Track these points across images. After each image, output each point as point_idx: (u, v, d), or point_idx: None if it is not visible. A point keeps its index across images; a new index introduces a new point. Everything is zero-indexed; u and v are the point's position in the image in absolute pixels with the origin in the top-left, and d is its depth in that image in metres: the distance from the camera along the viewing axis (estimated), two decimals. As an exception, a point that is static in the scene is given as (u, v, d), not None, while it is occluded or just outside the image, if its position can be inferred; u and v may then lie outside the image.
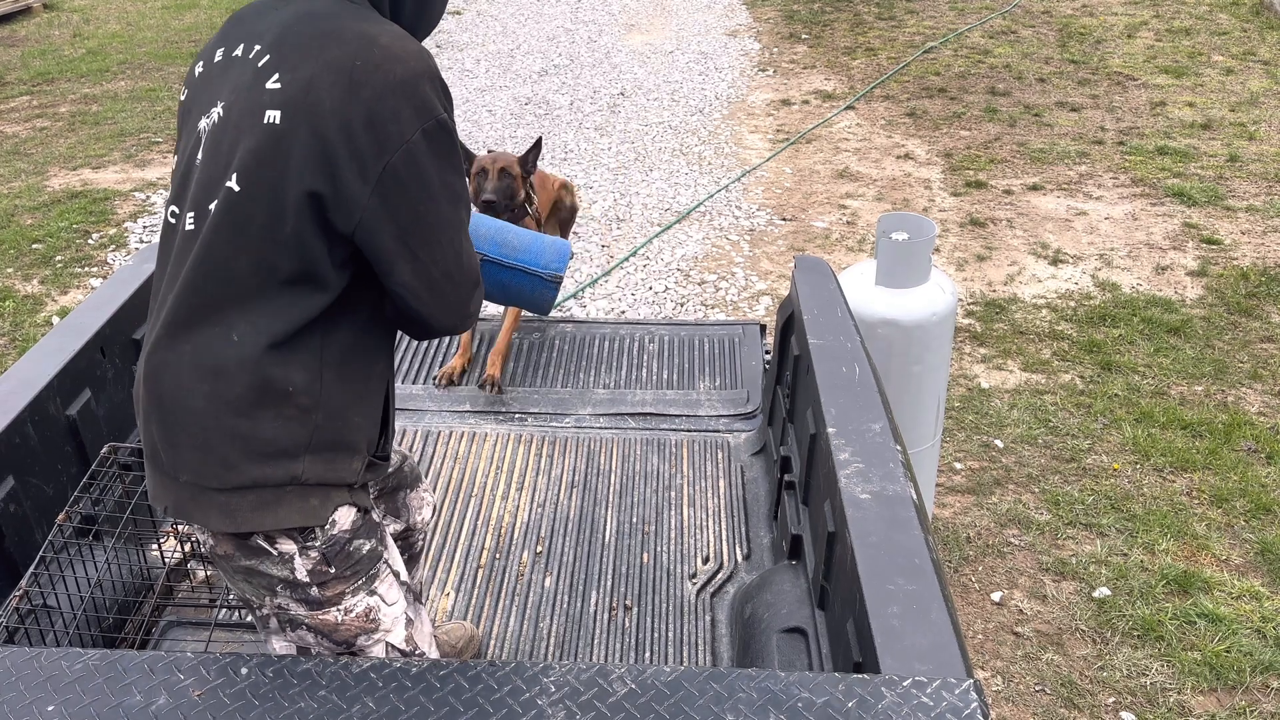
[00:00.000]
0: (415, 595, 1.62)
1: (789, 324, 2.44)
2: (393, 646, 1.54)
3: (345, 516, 1.44)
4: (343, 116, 1.27)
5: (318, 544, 1.43)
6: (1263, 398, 3.87)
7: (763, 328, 3.23)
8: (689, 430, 2.79)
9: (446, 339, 3.21)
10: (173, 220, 1.42)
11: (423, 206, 1.33)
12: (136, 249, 5.35)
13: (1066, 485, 3.43)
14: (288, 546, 1.42)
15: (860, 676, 1.33)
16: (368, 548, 1.49)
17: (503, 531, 2.44)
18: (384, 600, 1.52)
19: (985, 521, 3.27)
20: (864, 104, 7.19)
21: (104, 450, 2.06)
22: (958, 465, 3.53)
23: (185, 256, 1.36)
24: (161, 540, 2.16)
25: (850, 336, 2.16)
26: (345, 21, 1.33)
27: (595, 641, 2.15)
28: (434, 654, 1.63)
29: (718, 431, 2.78)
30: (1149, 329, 4.32)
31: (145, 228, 5.61)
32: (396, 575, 1.56)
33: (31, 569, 1.82)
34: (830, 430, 1.84)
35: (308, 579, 1.44)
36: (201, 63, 1.46)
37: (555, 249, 1.96)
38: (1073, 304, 4.55)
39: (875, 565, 1.51)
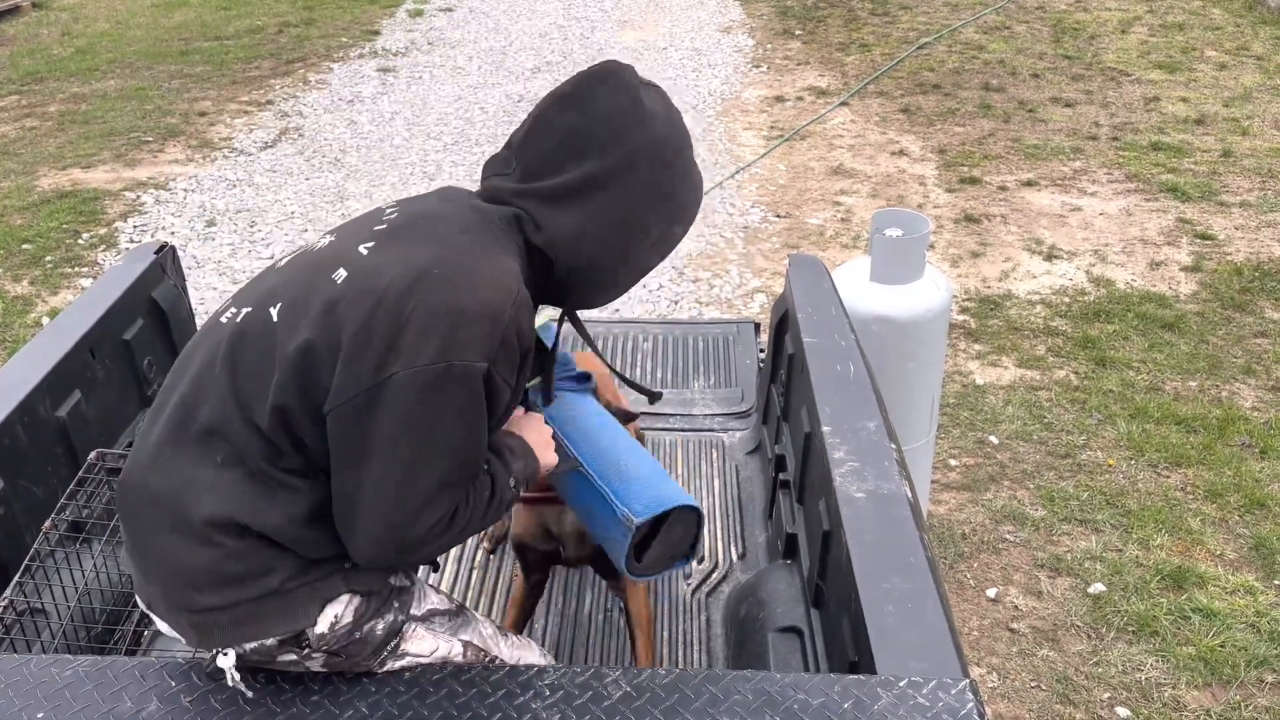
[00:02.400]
0: (455, 613, 1.51)
1: (783, 322, 2.44)
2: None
3: (341, 608, 1.33)
4: (385, 310, 1.23)
5: (316, 647, 1.33)
6: (1256, 393, 3.87)
7: (757, 326, 3.22)
8: (684, 429, 2.78)
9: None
10: (223, 312, 1.39)
11: (400, 433, 1.23)
12: (126, 249, 5.33)
13: (1061, 481, 3.43)
14: (287, 656, 1.33)
15: (856, 678, 1.32)
16: (383, 626, 1.38)
17: (497, 533, 2.42)
18: (417, 654, 1.42)
19: (980, 518, 3.27)
20: (858, 100, 7.18)
21: (91, 457, 2.04)
22: (953, 462, 3.53)
23: (197, 354, 1.36)
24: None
25: (844, 335, 2.15)
26: (461, 235, 1.29)
27: (590, 643, 2.14)
28: (503, 651, 1.53)
29: (712, 430, 2.77)
30: (1143, 325, 4.32)
31: (135, 227, 5.59)
32: (426, 621, 1.45)
33: (17, 577, 1.81)
34: (825, 429, 1.83)
35: (325, 669, 1.37)
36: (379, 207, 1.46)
37: (657, 491, 1.53)
38: (1067, 300, 4.55)
39: (870, 564, 1.50)
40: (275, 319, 1.29)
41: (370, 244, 1.31)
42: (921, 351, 2.78)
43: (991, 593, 2.99)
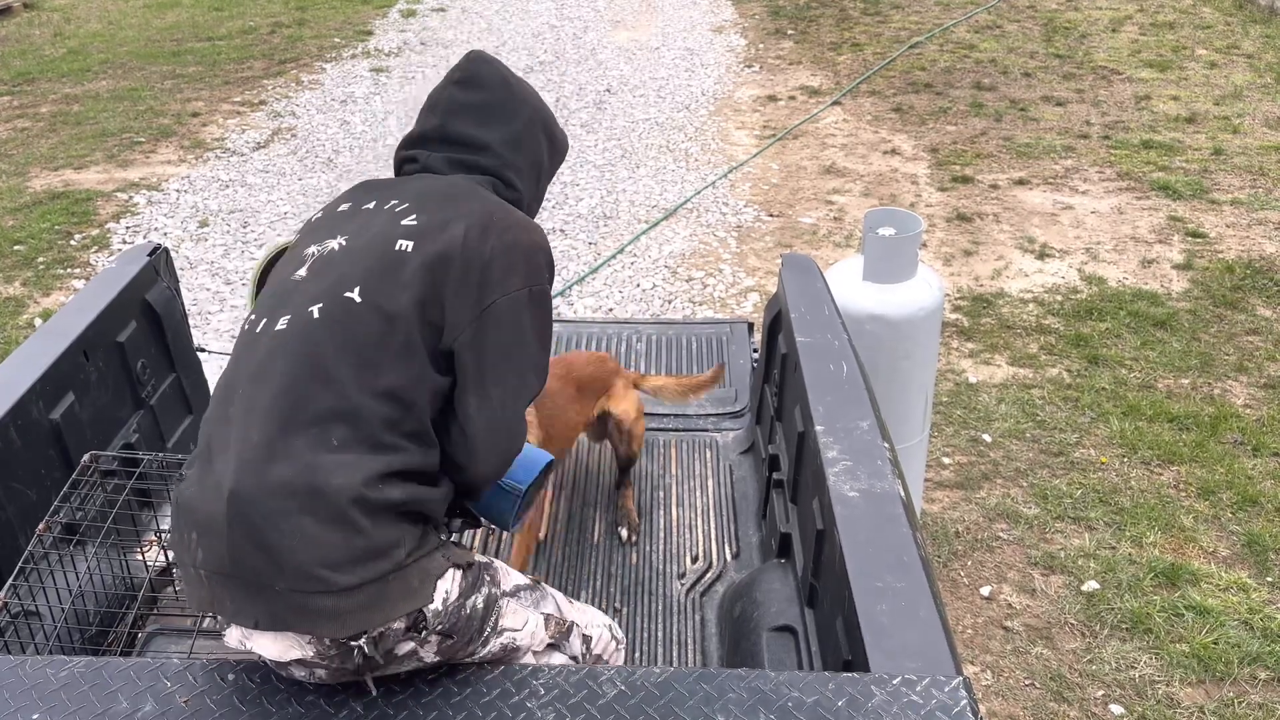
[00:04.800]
0: (533, 586, 1.62)
1: (776, 322, 2.44)
2: (539, 654, 1.57)
3: (449, 583, 1.41)
4: (471, 250, 1.45)
5: (432, 627, 1.38)
6: (1248, 390, 3.89)
7: (750, 326, 3.23)
8: (677, 429, 2.78)
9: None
10: (256, 328, 1.45)
11: (508, 349, 1.47)
12: (119, 250, 5.31)
13: (1054, 479, 3.44)
14: (406, 647, 1.37)
15: (850, 675, 1.32)
16: (482, 601, 1.47)
17: (492, 532, 2.43)
18: (513, 629, 1.52)
19: (974, 516, 3.28)
20: (850, 100, 7.19)
21: (84, 459, 2.04)
22: (946, 460, 3.54)
23: (276, 357, 1.39)
24: (144, 549, 2.14)
25: (837, 334, 2.15)
26: (480, 194, 1.55)
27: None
28: (578, 615, 1.66)
29: (706, 430, 2.77)
30: (1135, 322, 4.34)
31: (128, 228, 5.57)
32: (514, 595, 1.55)
33: (11, 580, 1.81)
34: (818, 428, 1.84)
35: (437, 657, 1.41)
36: (322, 213, 1.62)
37: (523, 459, 1.75)
38: (1059, 298, 4.57)
39: (864, 563, 1.50)
40: (359, 299, 1.41)
41: (412, 217, 1.49)
42: (914, 350, 2.79)
43: (985, 591, 3.00)
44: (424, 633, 1.37)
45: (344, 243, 1.49)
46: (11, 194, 6.03)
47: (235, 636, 1.38)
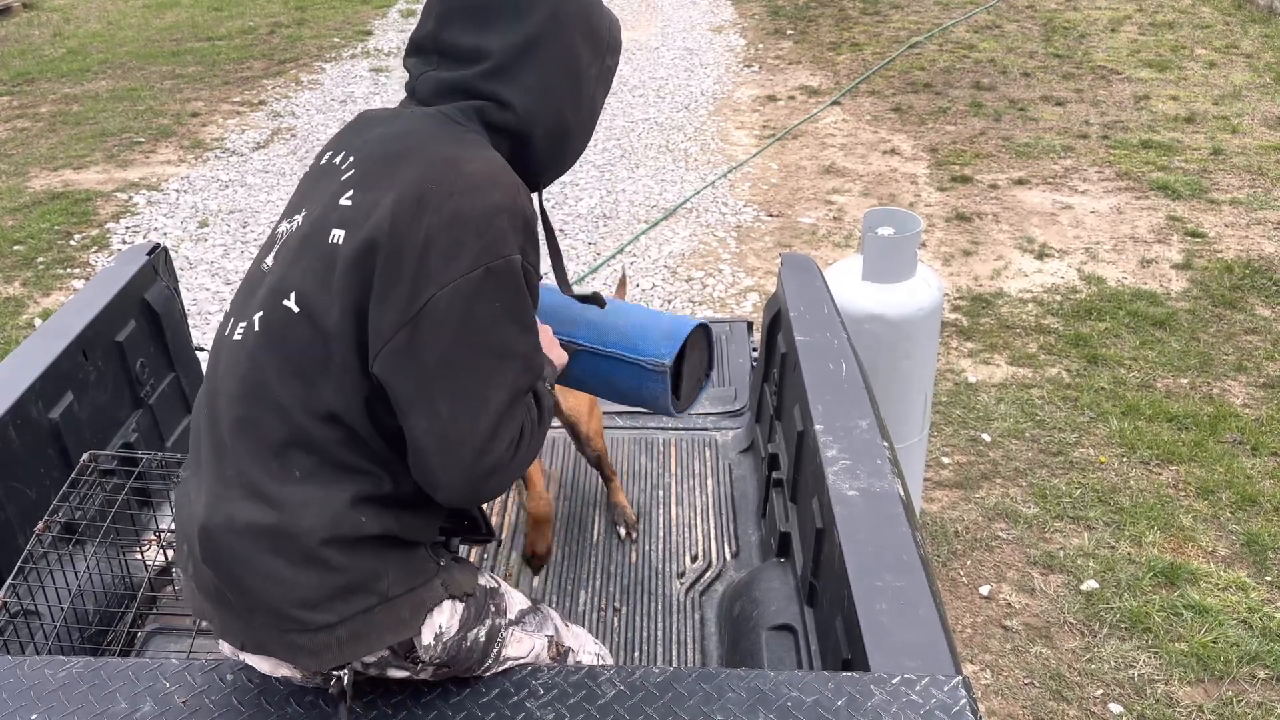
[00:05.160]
0: (534, 608, 1.52)
1: (776, 321, 2.44)
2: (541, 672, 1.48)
3: (445, 616, 1.32)
4: (398, 241, 1.18)
5: (425, 660, 1.31)
6: (1247, 390, 3.89)
7: (750, 325, 3.23)
8: (676, 429, 2.78)
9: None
10: (224, 329, 1.33)
11: (456, 354, 1.19)
12: (119, 250, 5.31)
13: (1054, 478, 3.44)
14: (399, 674, 1.32)
15: (849, 675, 1.32)
16: (485, 633, 1.37)
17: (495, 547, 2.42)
18: (517, 657, 1.43)
19: (973, 515, 3.28)
20: (849, 99, 7.19)
21: (84, 459, 2.04)
22: (945, 460, 3.54)
23: (230, 375, 1.27)
24: (143, 548, 2.14)
25: (837, 333, 2.15)
26: (437, 144, 1.25)
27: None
28: (573, 640, 1.56)
29: (705, 430, 2.77)
30: (1135, 322, 4.34)
31: (128, 228, 5.57)
32: (519, 623, 1.45)
33: (10, 579, 1.81)
34: (818, 427, 1.83)
35: (434, 678, 1.36)
36: (312, 163, 1.40)
37: (665, 328, 1.59)
38: (1059, 298, 4.57)
39: (863, 562, 1.50)
40: (296, 308, 1.23)
41: (349, 193, 1.25)
42: (914, 350, 2.79)
43: (984, 590, 3.00)
44: (418, 665, 1.32)
45: (300, 222, 1.30)
46: (11, 194, 6.03)
47: (228, 648, 1.36)
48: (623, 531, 2.40)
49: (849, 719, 1.26)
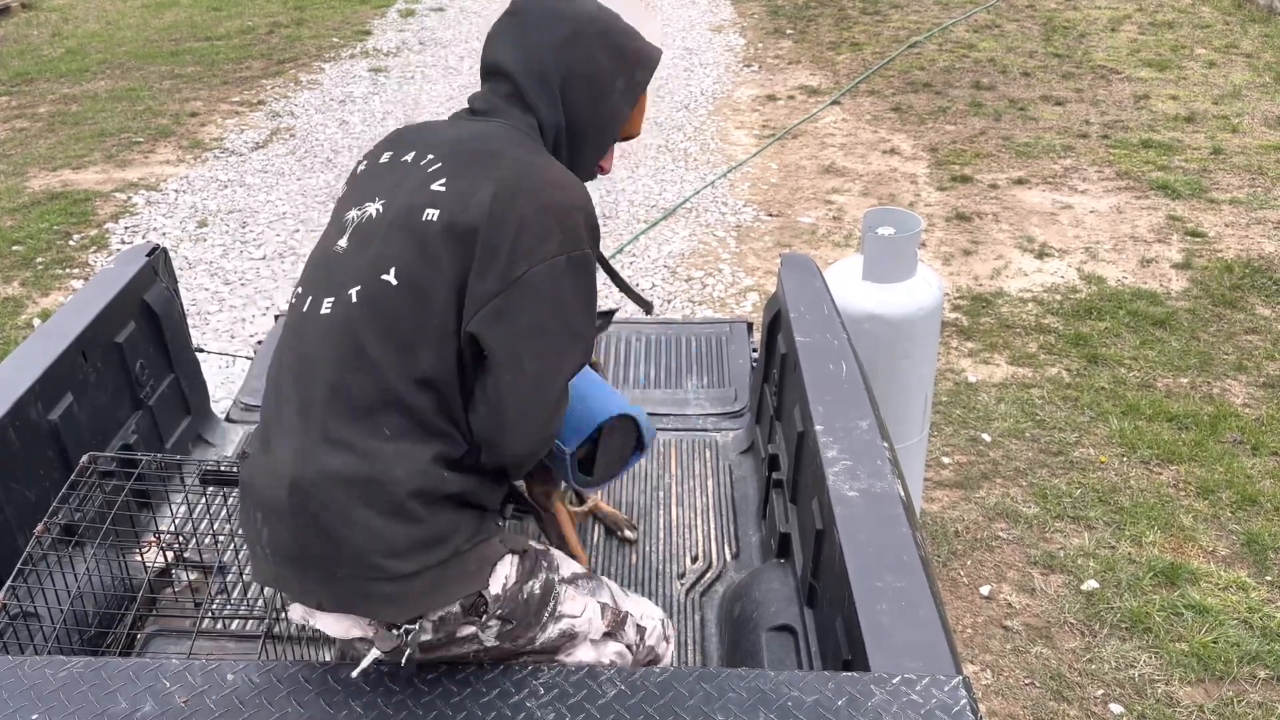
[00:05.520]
0: (590, 575, 1.62)
1: (776, 321, 2.44)
2: (596, 642, 1.58)
3: (506, 569, 1.43)
4: (497, 220, 1.34)
5: (491, 612, 1.41)
6: (1247, 389, 3.89)
7: (750, 325, 3.22)
8: (676, 429, 2.78)
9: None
10: (303, 306, 1.43)
11: (544, 322, 1.36)
12: (118, 250, 5.31)
13: (1054, 478, 3.44)
14: (467, 630, 1.41)
15: (850, 675, 1.32)
16: (539, 586, 1.48)
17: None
18: (571, 615, 1.53)
19: (973, 515, 3.28)
20: (849, 99, 7.19)
21: (83, 460, 2.04)
22: (945, 459, 3.53)
23: (322, 343, 1.38)
24: (143, 549, 2.13)
25: (837, 334, 2.15)
26: (515, 148, 1.43)
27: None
28: (632, 606, 1.66)
29: (705, 430, 2.77)
30: (1135, 322, 4.34)
31: (126, 229, 5.57)
32: (572, 583, 1.56)
33: (10, 581, 1.80)
34: (818, 428, 1.83)
35: (497, 641, 1.44)
36: (365, 163, 1.53)
37: (575, 417, 1.68)
38: (1059, 297, 4.57)
39: (864, 562, 1.50)
40: (395, 281, 1.35)
41: (440, 181, 1.39)
42: (914, 350, 2.79)
43: (985, 590, 2.99)
44: (484, 616, 1.40)
45: (380, 209, 1.43)
46: (10, 194, 6.03)
47: (298, 613, 1.45)
48: (629, 534, 2.40)
49: (849, 719, 1.26)
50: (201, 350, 2.78)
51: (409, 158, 1.46)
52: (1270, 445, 3.54)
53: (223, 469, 2.10)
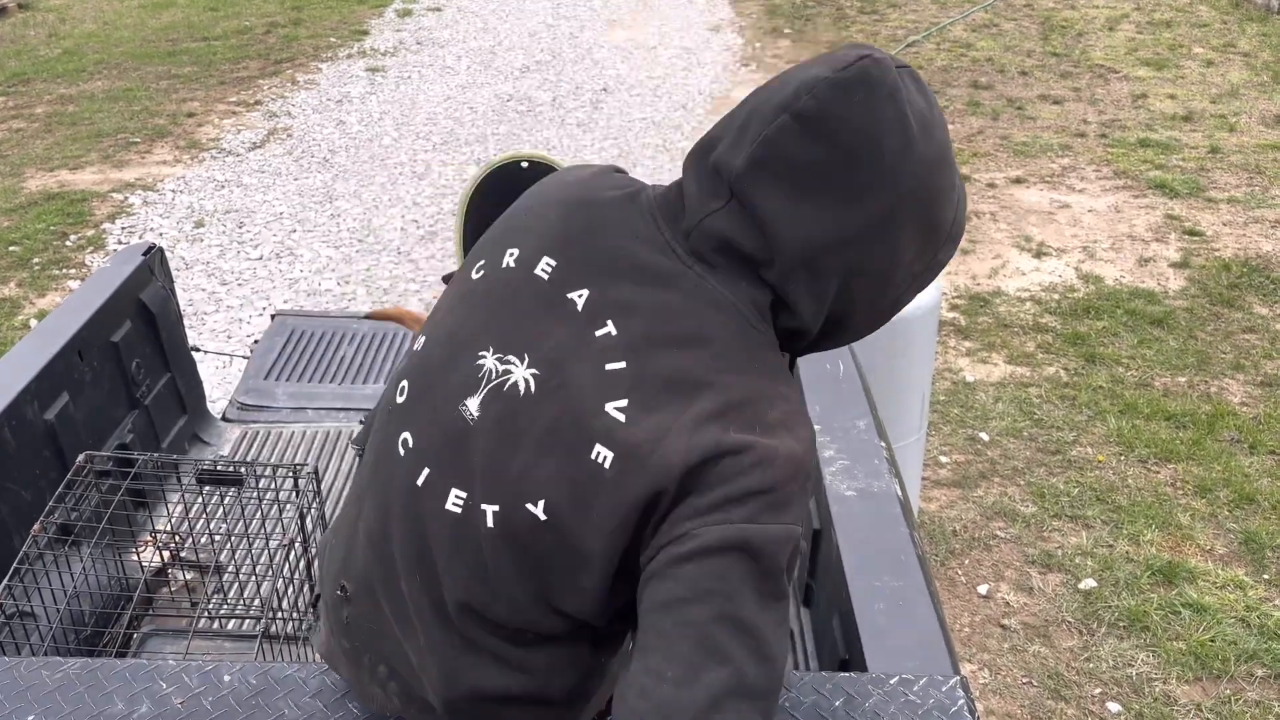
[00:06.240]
0: None
1: (773, 320, 2.43)
2: None
3: None
4: (685, 490, 0.97)
5: None
6: (1245, 388, 3.89)
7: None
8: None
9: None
10: (418, 472, 1.12)
11: (689, 610, 0.97)
12: (114, 250, 5.30)
13: (1052, 477, 3.44)
14: None
15: (847, 675, 1.32)
16: None
17: None
18: None
19: (971, 514, 3.28)
20: (846, 98, 7.19)
21: (79, 459, 2.03)
22: (943, 459, 3.54)
23: (456, 548, 1.09)
24: (140, 549, 2.13)
25: (834, 332, 2.15)
26: (735, 371, 1.01)
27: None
28: None
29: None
30: (1132, 321, 4.34)
31: (123, 229, 5.57)
32: None
33: (5, 581, 1.80)
34: (815, 427, 1.83)
35: None
36: (483, 262, 1.13)
37: None
38: (1056, 296, 4.57)
39: (861, 562, 1.50)
40: (544, 516, 1.03)
41: (622, 400, 1.00)
42: (911, 349, 2.79)
43: (982, 589, 2.99)
44: None
45: (529, 383, 1.05)
46: (6, 195, 6.02)
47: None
48: None
49: (846, 719, 1.26)
50: (198, 350, 2.78)
51: (578, 296, 1.05)
52: (1268, 444, 3.55)
53: (219, 468, 2.10)
